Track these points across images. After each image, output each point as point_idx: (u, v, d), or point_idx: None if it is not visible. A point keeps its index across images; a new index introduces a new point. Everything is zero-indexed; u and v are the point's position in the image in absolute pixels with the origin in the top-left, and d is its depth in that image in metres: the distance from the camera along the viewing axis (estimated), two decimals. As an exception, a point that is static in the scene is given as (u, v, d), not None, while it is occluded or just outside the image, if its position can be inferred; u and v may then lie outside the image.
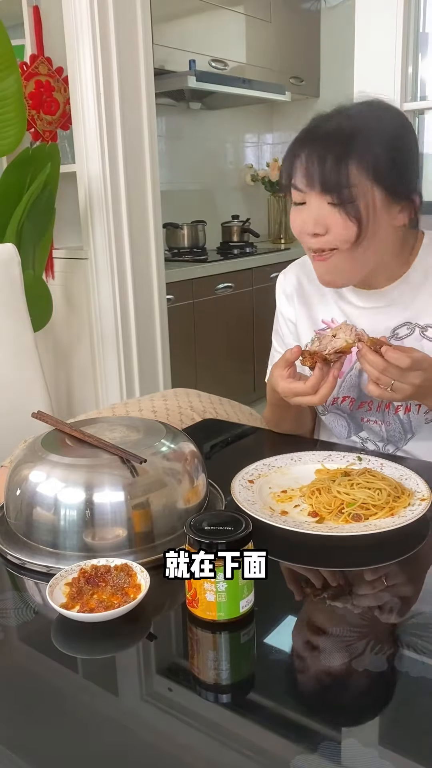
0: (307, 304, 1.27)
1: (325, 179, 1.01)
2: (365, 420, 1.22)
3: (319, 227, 1.05)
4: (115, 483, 0.82)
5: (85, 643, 0.70)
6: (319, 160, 1.02)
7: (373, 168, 1.01)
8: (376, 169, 1.01)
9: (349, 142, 1.01)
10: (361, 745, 0.55)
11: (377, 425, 1.20)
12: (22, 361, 1.63)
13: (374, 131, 1.02)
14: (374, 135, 1.02)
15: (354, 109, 1.06)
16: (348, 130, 1.02)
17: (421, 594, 0.78)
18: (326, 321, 1.24)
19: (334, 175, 1.01)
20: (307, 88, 4.04)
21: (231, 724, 0.59)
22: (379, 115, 1.06)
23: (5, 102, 2.18)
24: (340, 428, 1.25)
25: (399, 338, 1.15)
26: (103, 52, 2.34)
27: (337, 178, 1.01)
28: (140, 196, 2.55)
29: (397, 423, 1.19)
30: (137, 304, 2.60)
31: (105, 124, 2.39)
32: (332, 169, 1.01)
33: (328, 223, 1.04)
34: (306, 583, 0.80)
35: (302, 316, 1.27)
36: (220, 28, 3.49)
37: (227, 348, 3.44)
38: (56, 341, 2.80)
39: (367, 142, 1.01)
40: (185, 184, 3.84)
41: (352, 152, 1.00)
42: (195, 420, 1.32)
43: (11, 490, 0.88)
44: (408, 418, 1.17)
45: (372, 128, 1.03)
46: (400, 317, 1.15)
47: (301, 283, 1.28)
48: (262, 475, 1.02)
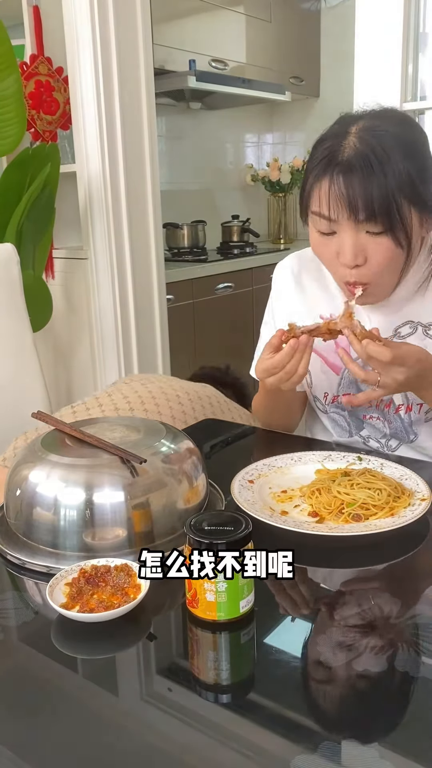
0: (305, 298, 1.24)
1: (371, 207, 0.95)
2: (367, 417, 1.21)
3: (360, 258, 1.00)
4: (115, 483, 0.82)
5: (85, 643, 0.70)
6: (361, 186, 0.94)
7: (410, 188, 0.96)
8: (412, 189, 0.96)
9: (385, 164, 0.94)
10: (361, 745, 0.55)
11: (380, 422, 1.20)
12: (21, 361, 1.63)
13: (404, 149, 0.96)
14: (405, 153, 0.96)
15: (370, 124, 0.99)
16: (378, 150, 0.95)
17: (421, 594, 0.78)
18: (324, 316, 1.21)
19: (381, 203, 0.94)
20: (307, 88, 4.04)
21: (231, 724, 0.59)
22: (402, 129, 0.99)
23: (5, 102, 2.18)
24: (341, 429, 1.25)
25: (401, 337, 1.14)
26: (103, 52, 2.34)
27: (384, 205, 0.94)
28: (140, 196, 2.55)
29: (398, 422, 1.18)
30: (137, 304, 2.60)
31: (105, 124, 2.39)
32: (378, 196, 0.94)
33: (369, 252, 1.00)
34: (306, 583, 0.80)
35: (300, 311, 1.24)
36: (220, 28, 3.48)
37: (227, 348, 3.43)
38: (56, 341, 2.80)
39: (402, 162, 0.95)
40: (185, 184, 3.84)
41: (390, 175, 0.94)
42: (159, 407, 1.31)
43: (11, 490, 0.88)
44: (409, 417, 1.17)
45: (401, 145, 0.97)
46: (403, 316, 1.15)
47: (299, 277, 1.25)
48: (262, 475, 1.02)
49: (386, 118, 1.01)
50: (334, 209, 0.98)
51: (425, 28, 2.10)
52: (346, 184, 0.96)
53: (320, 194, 0.99)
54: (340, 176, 0.96)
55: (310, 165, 1.02)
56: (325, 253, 1.04)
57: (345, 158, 0.96)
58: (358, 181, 0.95)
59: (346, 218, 0.97)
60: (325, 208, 0.99)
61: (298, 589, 0.79)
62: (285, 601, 0.76)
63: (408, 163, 0.95)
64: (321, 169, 0.98)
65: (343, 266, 1.02)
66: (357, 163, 0.95)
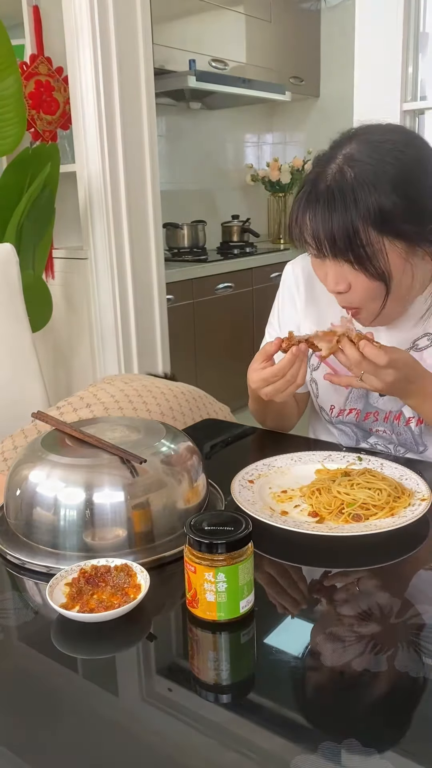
0: (315, 305, 1.22)
1: (335, 241, 0.94)
2: (373, 430, 1.20)
3: (341, 285, 1.00)
4: (115, 483, 0.82)
5: (85, 643, 0.70)
6: (325, 220, 0.94)
7: (384, 221, 0.93)
8: (387, 221, 0.93)
9: (354, 195, 0.92)
10: (361, 745, 0.55)
11: (387, 434, 1.19)
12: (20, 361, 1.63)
13: (378, 176, 0.93)
14: (379, 181, 0.93)
15: (353, 151, 0.96)
16: (350, 181, 0.93)
17: (422, 594, 0.78)
18: (335, 323, 1.21)
19: (346, 237, 0.93)
20: (307, 88, 4.04)
21: (231, 724, 0.59)
22: (382, 156, 0.95)
23: (5, 102, 2.18)
24: (347, 438, 1.24)
25: (419, 349, 1.13)
26: (103, 52, 2.34)
27: (350, 239, 0.93)
28: (140, 196, 2.55)
29: (408, 434, 1.17)
30: (137, 304, 2.61)
31: (105, 124, 2.39)
32: (343, 229, 0.93)
33: (350, 280, 1.00)
34: (306, 583, 0.80)
35: (310, 315, 1.23)
36: (220, 28, 3.49)
37: (227, 348, 3.43)
38: (56, 341, 2.80)
39: (373, 192, 0.92)
40: (185, 184, 3.84)
41: (358, 207, 0.92)
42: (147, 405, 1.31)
43: (11, 490, 0.88)
44: (420, 429, 1.15)
45: (376, 173, 0.93)
46: (420, 329, 1.13)
47: (311, 283, 1.23)
48: (262, 475, 1.02)
49: (375, 143, 0.96)
50: (309, 240, 0.99)
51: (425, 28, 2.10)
52: (312, 219, 0.96)
53: (300, 224, 0.99)
54: (308, 210, 0.97)
55: (299, 190, 1.02)
56: (320, 275, 1.05)
57: (319, 191, 0.96)
58: (321, 216, 0.95)
59: (320, 251, 0.98)
60: (306, 238, 0.99)
61: (298, 589, 0.79)
62: (285, 602, 0.76)
63: (381, 195, 0.92)
64: (302, 199, 0.99)
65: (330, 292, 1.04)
66: (323, 198, 0.95)
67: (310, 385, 1.25)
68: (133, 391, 1.34)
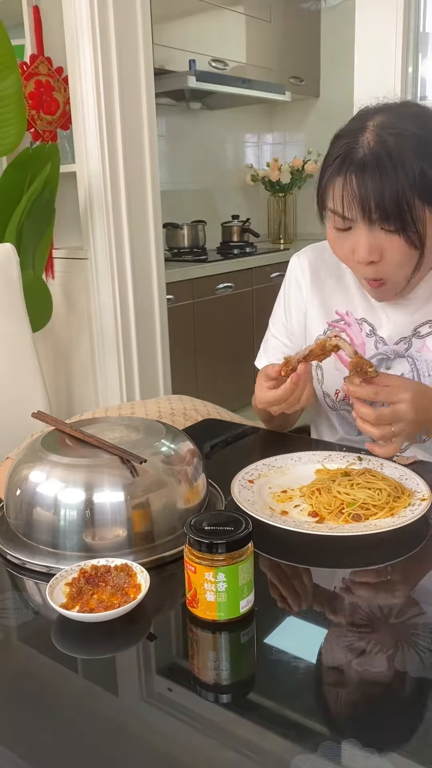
0: (321, 293, 1.23)
1: (383, 207, 0.95)
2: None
3: (375, 254, 1.00)
4: (115, 483, 0.82)
5: (85, 643, 0.70)
6: (374, 186, 0.94)
7: (424, 187, 0.95)
8: (427, 188, 0.95)
9: (399, 163, 0.94)
10: (361, 745, 0.55)
11: None
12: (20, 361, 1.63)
13: (420, 147, 0.95)
14: (421, 151, 0.95)
15: (387, 121, 0.98)
16: (395, 149, 0.95)
17: (422, 594, 0.78)
18: (340, 312, 1.21)
19: (393, 203, 0.94)
20: (307, 88, 4.04)
21: (231, 724, 0.59)
22: (420, 126, 0.97)
23: (5, 102, 2.19)
24: (349, 426, 1.24)
25: (420, 336, 1.14)
26: (103, 52, 2.34)
27: (396, 205, 0.94)
28: (140, 196, 2.55)
29: None
30: (137, 304, 2.61)
31: (105, 124, 2.39)
32: (390, 196, 0.94)
33: (384, 249, 1.00)
34: (306, 583, 0.80)
35: (314, 305, 1.24)
36: (220, 28, 3.49)
37: (227, 348, 3.43)
38: (56, 341, 2.80)
39: (416, 162, 0.94)
40: (185, 184, 3.84)
41: (403, 175, 0.94)
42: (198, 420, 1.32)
43: (11, 490, 0.88)
44: None
45: (417, 144, 0.95)
46: (423, 315, 1.14)
47: (316, 271, 1.24)
48: (262, 475, 1.02)
49: (404, 114, 1.00)
50: (348, 208, 0.98)
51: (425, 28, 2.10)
52: (359, 184, 0.96)
53: (335, 192, 0.99)
54: (353, 176, 0.96)
55: (326, 161, 1.02)
56: (341, 249, 1.05)
57: (359, 157, 0.96)
58: (371, 180, 0.95)
59: (360, 217, 0.98)
60: (339, 206, 0.99)
61: (298, 589, 0.79)
62: (285, 601, 0.76)
63: (423, 163, 0.95)
64: (336, 168, 0.99)
65: (359, 263, 1.03)
66: (370, 163, 0.95)
67: (316, 371, 1.25)
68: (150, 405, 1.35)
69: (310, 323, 1.25)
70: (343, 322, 1.20)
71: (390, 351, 1.16)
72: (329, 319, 1.22)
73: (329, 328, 1.22)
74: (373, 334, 1.17)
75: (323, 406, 1.28)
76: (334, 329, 1.21)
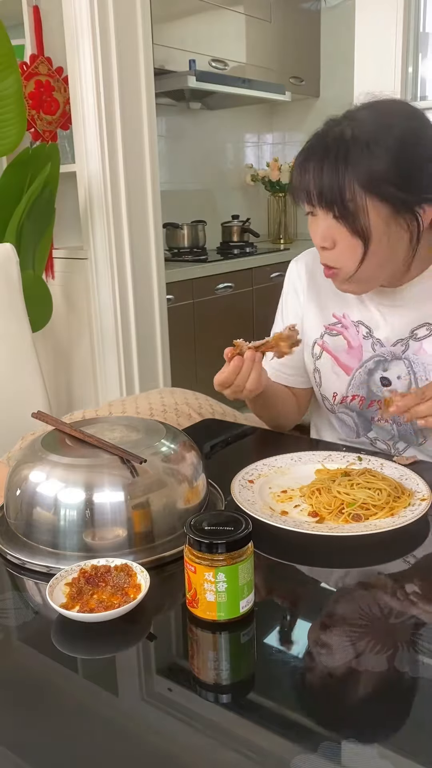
0: (317, 297, 1.24)
1: (323, 192, 0.99)
2: (375, 419, 1.21)
3: (327, 241, 1.03)
4: (115, 483, 0.82)
5: (85, 643, 0.70)
6: (317, 172, 0.99)
7: (373, 181, 0.96)
8: (377, 183, 0.96)
9: (347, 152, 0.97)
10: (361, 745, 0.55)
11: (388, 424, 1.19)
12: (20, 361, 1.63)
13: (375, 139, 0.97)
14: (375, 143, 0.96)
15: (359, 114, 1.01)
16: (348, 139, 0.97)
17: (421, 594, 0.78)
18: (337, 315, 1.21)
19: (332, 189, 0.98)
20: (307, 88, 4.04)
21: (231, 724, 0.59)
22: (384, 121, 0.99)
23: (5, 102, 2.18)
24: (348, 429, 1.24)
25: (418, 339, 1.13)
26: (103, 52, 2.34)
27: (335, 192, 0.98)
28: (140, 196, 2.55)
29: (408, 425, 1.17)
30: (137, 304, 2.61)
31: (105, 124, 2.39)
32: (330, 182, 0.97)
33: (335, 237, 1.02)
34: (306, 583, 0.80)
35: (311, 309, 1.24)
36: (220, 28, 3.48)
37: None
38: (56, 341, 2.80)
39: (366, 153, 0.96)
40: (185, 184, 3.84)
41: (349, 164, 0.96)
42: (191, 416, 1.32)
43: (11, 490, 0.88)
44: None
45: (374, 136, 0.97)
46: (420, 317, 1.14)
47: (313, 274, 1.25)
48: (262, 475, 1.02)
49: (380, 110, 1.02)
50: (297, 195, 1.04)
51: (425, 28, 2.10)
52: (303, 170, 1.01)
53: (300, 177, 1.04)
54: (303, 163, 1.01)
55: None
56: (311, 234, 1.08)
57: (312, 145, 1.01)
58: (314, 167, 0.99)
59: (306, 203, 1.03)
60: (294, 191, 1.05)
61: (298, 589, 0.79)
62: (285, 601, 0.76)
63: (378, 158, 0.96)
64: (302, 154, 1.04)
65: (317, 248, 1.07)
66: (319, 151, 1.00)
67: (314, 374, 1.25)
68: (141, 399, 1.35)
69: (307, 327, 1.25)
70: (340, 325, 1.20)
71: (387, 353, 1.16)
72: (326, 322, 1.22)
73: (326, 331, 1.22)
74: (370, 336, 1.17)
75: (322, 408, 1.29)
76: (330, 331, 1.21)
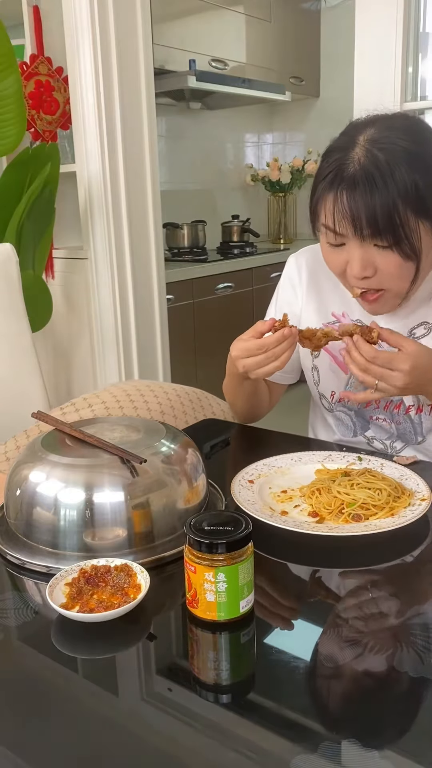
0: (317, 294, 1.24)
1: (375, 224, 0.95)
2: (373, 418, 1.21)
3: (369, 270, 1.01)
4: (115, 483, 0.82)
5: (85, 643, 0.70)
6: (365, 203, 0.94)
7: (417, 200, 0.95)
8: (419, 201, 0.95)
9: (389, 179, 0.94)
10: (361, 745, 0.55)
11: (386, 423, 1.20)
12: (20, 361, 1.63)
13: (411, 160, 0.95)
14: (412, 165, 0.95)
15: (377, 135, 0.98)
16: (384, 163, 0.94)
17: (421, 594, 0.78)
18: (336, 314, 1.21)
19: (385, 219, 0.94)
20: (307, 88, 4.04)
21: (231, 724, 0.59)
22: (411, 139, 0.97)
23: (5, 102, 2.18)
24: (345, 428, 1.25)
25: (416, 338, 1.14)
26: (103, 52, 2.34)
27: (388, 222, 0.94)
28: (140, 196, 2.55)
29: (408, 423, 1.17)
30: (137, 304, 2.61)
31: (105, 124, 2.39)
32: (382, 212, 0.94)
33: (377, 264, 1.00)
34: (306, 583, 0.80)
35: (310, 307, 1.24)
36: (220, 28, 3.49)
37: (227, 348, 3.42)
38: (56, 341, 2.80)
39: (407, 175, 0.94)
40: (185, 184, 3.84)
41: (393, 190, 0.94)
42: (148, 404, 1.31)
43: (11, 490, 0.88)
44: (419, 419, 1.16)
45: (408, 157, 0.95)
46: (418, 317, 1.14)
47: (314, 272, 1.24)
48: (262, 475, 1.02)
49: (395, 127, 0.99)
50: (339, 224, 0.98)
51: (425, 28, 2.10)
52: (350, 201, 0.96)
53: (326, 209, 1.00)
54: (344, 192, 0.96)
55: (318, 177, 1.02)
56: (335, 263, 1.05)
57: (350, 173, 0.96)
58: (361, 197, 0.95)
59: (352, 234, 0.98)
60: (331, 222, 0.99)
61: (298, 589, 0.79)
62: (285, 601, 0.76)
63: (415, 175, 0.95)
64: (327, 184, 0.99)
65: (353, 278, 1.03)
66: (361, 179, 0.95)
67: (312, 372, 1.25)
68: (134, 389, 1.34)
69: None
70: (338, 324, 1.21)
71: None
72: (325, 321, 1.23)
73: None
74: None
75: (319, 407, 1.29)
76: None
